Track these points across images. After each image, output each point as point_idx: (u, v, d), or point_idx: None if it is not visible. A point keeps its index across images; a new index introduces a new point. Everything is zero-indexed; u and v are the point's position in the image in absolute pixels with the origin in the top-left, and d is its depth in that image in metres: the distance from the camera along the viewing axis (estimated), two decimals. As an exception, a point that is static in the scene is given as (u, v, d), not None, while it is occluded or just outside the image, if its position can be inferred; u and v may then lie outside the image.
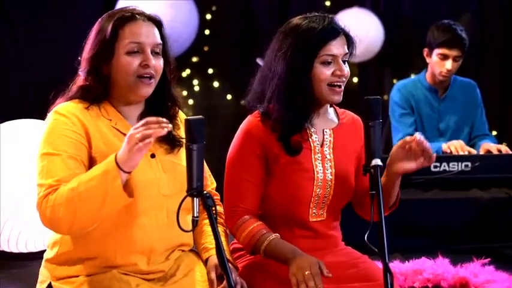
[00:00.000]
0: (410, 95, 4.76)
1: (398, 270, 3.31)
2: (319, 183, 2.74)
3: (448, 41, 4.59)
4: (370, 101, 2.55)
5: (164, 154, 2.59)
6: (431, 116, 4.74)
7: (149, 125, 2.26)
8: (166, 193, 2.52)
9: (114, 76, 2.53)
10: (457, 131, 4.72)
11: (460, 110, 4.78)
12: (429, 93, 4.78)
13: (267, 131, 2.73)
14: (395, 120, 4.74)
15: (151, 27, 2.55)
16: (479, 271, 3.29)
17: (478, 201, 3.88)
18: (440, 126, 4.73)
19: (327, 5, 6.90)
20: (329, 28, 2.69)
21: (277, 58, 2.71)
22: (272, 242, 2.64)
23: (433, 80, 4.76)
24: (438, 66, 4.63)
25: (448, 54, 4.59)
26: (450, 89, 4.80)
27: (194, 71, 6.89)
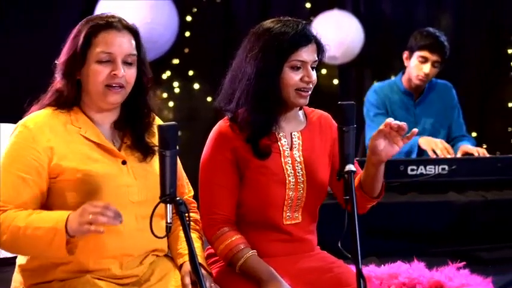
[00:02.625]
0: (386, 97, 4.78)
1: (373, 274, 3.31)
2: (291, 186, 2.75)
3: (430, 45, 4.62)
4: (344, 106, 2.55)
5: (136, 161, 2.59)
6: (407, 119, 4.67)
7: (106, 211, 2.27)
8: (136, 200, 2.53)
9: (85, 82, 2.54)
10: (434, 134, 4.72)
11: (436, 113, 4.79)
12: (405, 96, 4.80)
13: (236, 136, 2.74)
14: (370, 119, 4.76)
15: (126, 36, 2.54)
16: (454, 275, 3.29)
17: (455, 204, 3.88)
18: None
19: (308, 7, 6.92)
20: (302, 34, 2.70)
21: (248, 59, 2.71)
22: (249, 260, 2.66)
23: (409, 84, 4.78)
24: (416, 70, 4.65)
25: (428, 57, 4.62)
26: (426, 92, 4.82)
27: (174, 73, 6.89)
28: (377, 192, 2.80)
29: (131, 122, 2.62)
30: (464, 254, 3.75)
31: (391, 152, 2.66)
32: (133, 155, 2.59)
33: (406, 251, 3.68)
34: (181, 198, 2.30)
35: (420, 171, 3.96)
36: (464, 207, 3.87)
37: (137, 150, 2.60)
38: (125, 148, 2.59)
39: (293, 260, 2.79)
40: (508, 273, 3.62)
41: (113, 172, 2.49)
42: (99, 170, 2.48)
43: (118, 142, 2.61)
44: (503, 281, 3.54)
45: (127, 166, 2.56)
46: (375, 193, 2.80)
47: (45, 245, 2.34)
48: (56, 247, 2.33)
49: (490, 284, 3.33)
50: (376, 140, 2.63)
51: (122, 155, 2.55)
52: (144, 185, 2.55)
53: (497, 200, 3.93)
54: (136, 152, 2.60)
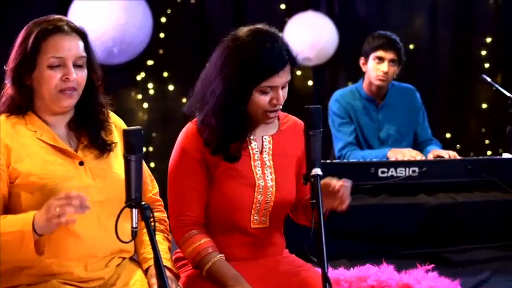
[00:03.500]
0: (348, 105, 4.78)
1: (343, 277, 3.31)
2: (260, 190, 2.74)
3: (383, 44, 4.66)
4: (310, 110, 2.54)
5: (93, 160, 2.58)
6: (371, 126, 4.76)
7: (71, 200, 2.26)
8: (96, 200, 2.50)
9: (37, 88, 2.53)
10: (399, 139, 4.74)
11: (399, 117, 4.79)
12: (367, 102, 4.79)
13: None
14: (336, 129, 4.76)
15: (75, 39, 2.54)
16: (423, 277, 3.31)
17: (425, 206, 3.89)
18: (381, 135, 4.75)
19: (282, 8, 6.92)
20: (276, 59, 2.63)
21: (217, 75, 2.68)
22: (216, 264, 2.66)
23: (370, 89, 4.78)
24: (375, 70, 4.67)
25: (384, 56, 4.64)
26: (388, 97, 4.81)
27: (149, 74, 6.88)
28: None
29: (86, 122, 2.62)
30: (434, 256, 3.77)
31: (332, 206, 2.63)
32: (91, 154, 2.59)
33: (377, 253, 3.69)
34: (146, 203, 2.29)
35: (391, 173, 3.96)
36: (435, 210, 3.88)
37: (94, 148, 2.60)
38: (82, 148, 2.58)
39: (261, 264, 2.79)
40: (476, 275, 3.64)
41: (71, 174, 2.48)
42: (56, 172, 2.47)
43: (75, 143, 2.60)
44: (471, 283, 3.56)
45: (84, 167, 2.55)
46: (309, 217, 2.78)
47: (15, 249, 2.34)
48: (25, 249, 2.33)
49: (458, 286, 3.35)
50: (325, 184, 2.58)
51: (78, 156, 2.54)
52: (103, 184, 2.54)
53: (467, 202, 3.94)
54: (94, 150, 2.60)
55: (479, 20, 7.05)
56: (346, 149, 4.63)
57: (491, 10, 7.07)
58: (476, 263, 3.78)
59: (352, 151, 4.60)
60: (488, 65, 7.04)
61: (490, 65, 7.05)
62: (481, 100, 7.07)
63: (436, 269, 3.47)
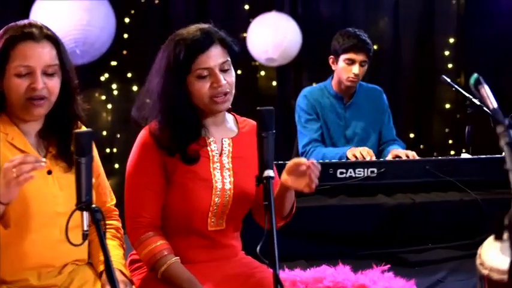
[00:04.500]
0: (316, 102, 4.78)
1: (299, 278, 3.32)
2: (217, 193, 2.74)
3: (354, 46, 4.61)
4: (262, 112, 2.53)
5: (62, 171, 2.57)
6: (338, 123, 4.76)
7: (26, 158, 2.25)
8: (61, 210, 2.50)
9: (7, 94, 2.51)
10: (365, 138, 4.75)
11: (366, 117, 4.80)
12: (335, 100, 4.79)
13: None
14: (301, 125, 4.75)
15: (45, 47, 2.50)
16: (379, 278, 3.33)
17: (383, 207, 3.88)
18: (347, 133, 4.76)
19: (246, 8, 6.93)
20: (199, 40, 2.65)
21: (155, 75, 2.71)
22: (171, 267, 2.66)
23: (339, 87, 4.78)
24: (345, 72, 4.65)
25: (355, 59, 4.62)
26: (356, 96, 4.81)
27: (113, 75, 6.87)
28: (286, 213, 2.82)
29: (56, 132, 2.59)
30: (392, 256, 3.77)
31: (295, 185, 2.65)
32: (58, 165, 2.57)
33: (335, 254, 3.69)
34: (97, 206, 2.27)
35: (349, 174, 3.96)
36: (393, 210, 3.88)
37: (62, 160, 2.58)
38: (50, 158, 2.56)
39: (217, 266, 2.80)
40: (432, 275, 3.65)
41: (38, 182, 2.43)
42: None
43: (43, 152, 2.58)
44: (427, 283, 3.56)
45: (52, 176, 2.54)
46: (284, 214, 2.82)
47: None
48: None
49: (414, 286, 3.37)
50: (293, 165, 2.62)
51: (48, 165, 2.51)
52: (69, 195, 2.48)
53: (424, 202, 3.94)
54: (61, 161, 2.58)
55: (442, 20, 7.12)
56: (310, 145, 4.64)
57: (454, 11, 7.14)
58: (433, 263, 3.78)
59: (315, 147, 4.60)
60: (451, 66, 7.10)
61: (453, 65, 7.11)
62: (444, 100, 7.13)
63: (393, 270, 3.50)
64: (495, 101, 2.10)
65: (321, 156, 4.47)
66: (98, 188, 2.74)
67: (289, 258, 3.64)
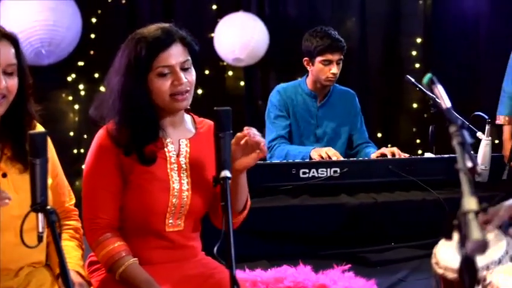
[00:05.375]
0: (289, 99, 4.77)
1: (260, 278, 3.32)
2: (175, 193, 2.74)
3: (329, 47, 4.61)
4: (220, 112, 2.52)
5: (17, 173, 2.54)
6: (309, 122, 4.77)
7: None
8: (16, 213, 2.45)
9: None
10: (334, 138, 4.76)
11: (337, 118, 4.81)
12: (309, 98, 4.80)
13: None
14: (270, 121, 4.76)
15: (5, 46, 2.48)
16: (339, 278, 3.34)
17: (346, 206, 3.88)
18: (317, 132, 4.77)
19: (213, 8, 6.92)
20: (160, 38, 2.66)
21: (115, 73, 2.70)
22: (129, 268, 2.65)
23: (315, 86, 4.78)
24: (323, 73, 4.64)
25: (331, 59, 4.62)
26: (329, 96, 4.82)
27: (80, 75, 6.83)
28: (241, 206, 2.82)
29: (11, 133, 2.57)
30: (354, 256, 3.78)
31: (246, 162, 2.66)
32: (14, 167, 2.54)
33: (298, 254, 3.69)
34: (52, 207, 2.26)
35: (312, 174, 3.96)
36: (355, 210, 3.89)
37: (18, 161, 2.55)
38: (5, 160, 2.54)
39: (175, 267, 2.79)
40: (394, 275, 3.66)
41: None
42: None
43: None
44: (388, 282, 3.58)
45: (7, 179, 2.51)
46: (240, 207, 2.81)
47: None
48: None
49: (374, 285, 3.38)
50: (234, 146, 2.62)
51: (1, 167, 2.49)
52: (25, 197, 2.45)
53: (387, 201, 3.95)
54: (16, 163, 2.55)
55: (409, 21, 7.16)
56: (276, 141, 4.64)
57: (421, 11, 7.17)
58: (395, 262, 3.79)
59: (280, 144, 4.61)
60: (418, 66, 7.13)
61: (420, 65, 7.14)
62: (412, 100, 7.16)
63: (354, 269, 3.51)
64: (448, 101, 2.11)
65: (284, 154, 4.48)
66: (56, 188, 2.72)
67: (252, 259, 3.64)
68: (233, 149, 2.60)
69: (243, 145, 2.63)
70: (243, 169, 2.68)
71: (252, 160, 2.65)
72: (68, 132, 6.86)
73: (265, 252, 3.76)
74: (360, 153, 4.78)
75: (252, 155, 2.64)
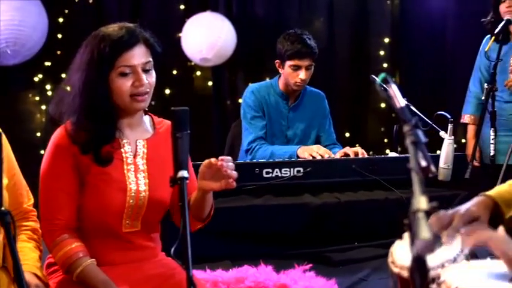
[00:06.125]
0: (263, 99, 4.77)
1: (221, 278, 3.32)
2: (132, 195, 2.73)
3: (299, 53, 4.59)
4: (177, 112, 2.50)
5: None
6: (280, 123, 4.77)
7: None
8: None
9: None
10: (304, 139, 4.76)
11: (307, 119, 4.81)
12: (280, 99, 4.79)
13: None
14: (247, 122, 4.73)
15: None
16: (300, 277, 3.34)
17: (309, 206, 3.88)
18: (288, 133, 4.77)
19: (181, 8, 6.91)
20: (125, 38, 2.66)
21: (76, 70, 2.68)
22: (86, 269, 2.63)
23: (286, 87, 4.77)
24: (291, 77, 4.64)
25: (300, 64, 4.60)
26: (300, 98, 4.82)
27: (47, 75, 6.79)
28: (204, 216, 2.82)
29: None
30: (317, 255, 3.79)
31: (211, 186, 2.66)
32: None
33: (262, 254, 3.69)
34: (6, 209, 2.24)
35: (276, 173, 3.96)
36: (319, 209, 3.89)
37: None
38: None
39: (134, 268, 2.78)
40: (356, 274, 3.67)
41: None
42: None
43: None
44: (350, 282, 3.58)
45: None
46: (204, 216, 2.82)
47: None
48: None
49: (334, 285, 3.39)
50: (205, 168, 2.63)
51: None
52: None
53: (350, 201, 3.96)
54: None
55: (377, 21, 7.17)
56: (256, 142, 4.62)
57: (388, 11, 7.19)
58: (357, 262, 3.80)
59: (261, 145, 4.60)
60: (386, 65, 7.16)
61: (388, 65, 7.16)
62: (380, 99, 7.19)
63: (317, 269, 3.51)
64: (402, 100, 2.11)
65: (269, 154, 4.46)
66: (13, 188, 2.70)
67: (214, 259, 3.64)
68: (203, 170, 2.62)
69: (213, 170, 2.62)
70: (208, 191, 2.69)
71: (219, 187, 2.64)
72: (35, 133, 6.82)
73: (228, 253, 3.76)
74: None
75: (220, 183, 2.63)
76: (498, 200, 2.32)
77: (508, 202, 2.33)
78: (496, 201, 2.31)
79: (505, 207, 2.31)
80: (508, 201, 2.33)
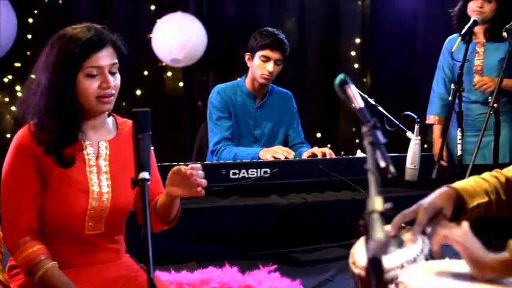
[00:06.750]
0: (229, 99, 4.77)
1: (186, 280, 3.31)
2: (94, 197, 2.71)
3: (270, 44, 4.64)
4: (138, 113, 2.49)
5: None
6: (248, 122, 4.77)
7: None
8: None
9: None
10: (272, 139, 4.77)
11: (275, 119, 4.82)
12: (247, 99, 4.80)
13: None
14: (213, 123, 4.73)
15: None
16: (265, 278, 3.34)
17: (276, 207, 3.88)
18: (255, 133, 4.77)
19: (152, 9, 6.89)
20: (94, 39, 2.65)
21: (42, 70, 2.65)
22: (48, 272, 2.61)
23: (253, 86, 4.79)
24: (260, 69, 4.66)
25: (270, 56, 4.63)
26: (268, 97, 4.83)
27: (16, 76, 6.75)
28: (171, 218, 2.83)
29: None
30: (283, 256, 3.79)
31: (179, 193, 2.68)
32: None
33: (229, 255, 3.69)
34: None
35: (242, 174, 3.97)
36: (285, 210, 3.89)
37: None
38: None
39: (97, 270, 2.76)
40: (322, 274, 3.67)
41: None
42: None
43: None
44: (315, 282, 3.59)
45: None
46: (169, 220, 2.83)
47: None
48: None
49: (299, 285, 3.39)
50: (173, 174, 2.64)
51: None
52: None
53: (317, 201, 3.97)
54: None
55: (348, 21, 7.18)
56: (221, 143, 4.62)
57: (359, 11, 7.21)
58: (324, 262, 3.80)
59: (226, 146, 4.59)
60: (357, 66, 7.17)
61: (359, 65, 7.18)
62: (351, 100, 7.18)
63: (283, 270, 3.52)
64: (361, 101, 2.11)
65: (233, 156, 4.46)
66: None
67: (181, 260, 3.63)
68: (171, 177, 2.63)
69: (182, 177, 2.62)
70: (176, 196, 2.70)
71: (187, 194, 2.65)
72: (5, 134, 6.78)
73: (195, 254, 3.76)
74: (295, 153, 4.78)
75: (189, 191, 2.64)
76: (461, 191, 2.35)
77: (471, 194, 2.37)
78: (458, 193, 2.34)
79: (468, 198, 2.35)
80: (470, 193, 2.37)
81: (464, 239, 2.01)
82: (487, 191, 2.43)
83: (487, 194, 2.42)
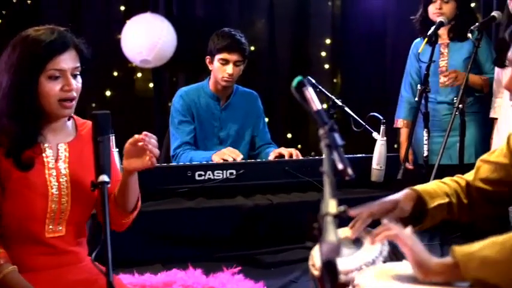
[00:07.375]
0: (192, 102, 4.77)
1: (149, 283, 3.31)
2: (54, 199, 2.70)
3: (227, 46, 4.64)
4: (98, 115, 2.50)
5: None
6: (213, 124, 4.76)
7: None
8: None
9: None
10: (238, 140, 4.77)
11: (241, 119, 4.82)
12: (211, 101, 4.80)
13: None
14: (174, 127, 4.73)
15: None
16: (228, 280, 3.35)
17: (242, 208, 3.88)
18: (221, 135, 4.77)
19: (122, 10, 6.85)
20: (57, 42, 2.64)
21: (3, 72, 2.64)
22: (7, 276, 2.60)
23: (216, 87, 4.79)
24: (220, 72, 4.66)
25: (228, 59, 4.63)
26: (232, 98, 4.83)
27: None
28: (131, 206, 2.81)
29: None
30: (248, 258, 3.79)
31: (134, 165, 2.67)
32: None
33: (194, 257, 3.69)
34: None
35: (208, 176, 3.96)
36: (251, 211, 3.89)
37: None
38: None
39: (58, 273, 2.75)
40: (287, 276, 3.68)
41: None
42: None
43: None
44: (279, 284, 3.59)
45: None
46: (130, 206, 2.81)
47: None
48: None
49: (262, 287, 3.39)
50: (130, 146, 2.64)
51: None
52: None
53: (283, 203, 3.97)
54: None
55: (318, 21, 7.17)
56: (180, 148, 4.61)
57: (329, 12, 7.20)
58: (289, 264, 3.80)
59: (185, 151, 4.59)
60: (328, 66, 7.17)
61: (329, 66, 7.18)
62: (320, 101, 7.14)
63: (248, 271, 3.52)
64: (319, 103, 2.13)
65: (188, 160, 4.46)
66: None
67: (145, 263, 3.62)
68: (128, 148, 2.64)
69: (138, 148, 2.63)
70: (132, 170, 2.69)
71: (141, 165, 2.66)
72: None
73: (160, 256, 3.74)
74: (261, 154, 4.79)
75: (142, 161, 2.65)
76: (422, 193, 2.44)
77: (431, 195, 2.46)
78: (419, 193, 2.39)
79: (428, 199, 2.44)
80: (431, 194, 2.46)
81: (411, 242, 2.04)
82: (448, 193, 2.48)
83: (448, 196, 2.48)
